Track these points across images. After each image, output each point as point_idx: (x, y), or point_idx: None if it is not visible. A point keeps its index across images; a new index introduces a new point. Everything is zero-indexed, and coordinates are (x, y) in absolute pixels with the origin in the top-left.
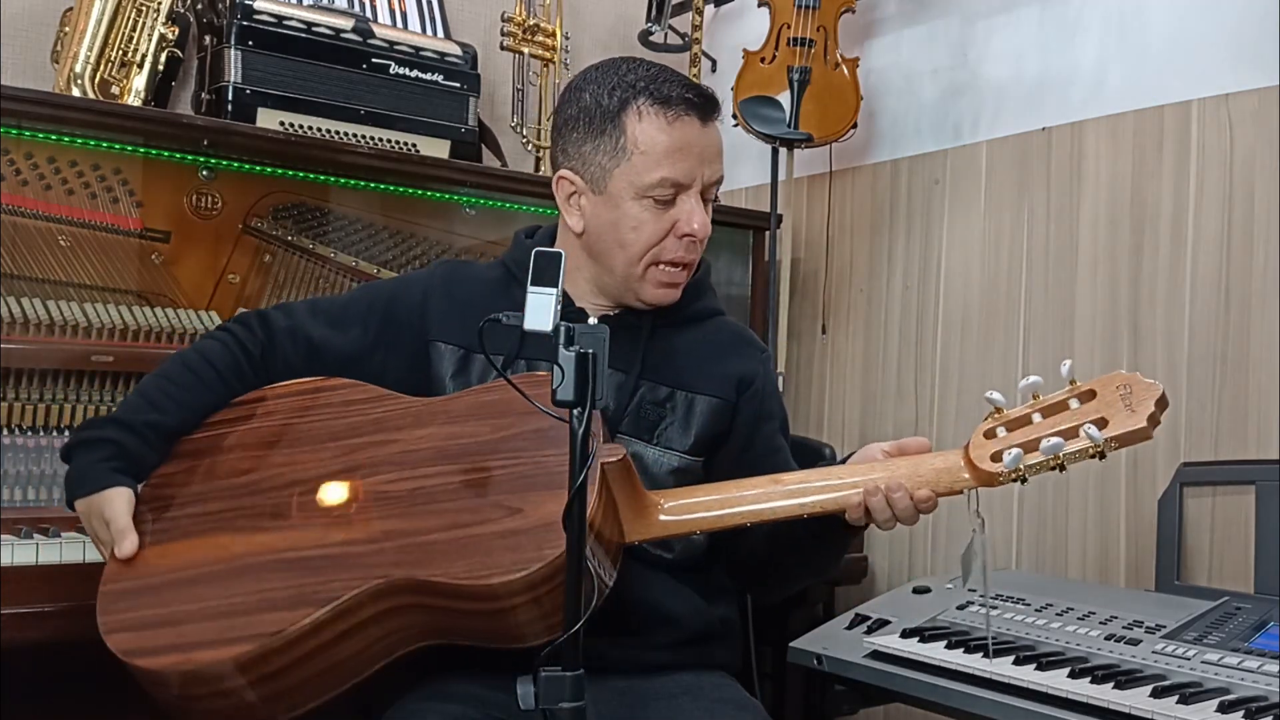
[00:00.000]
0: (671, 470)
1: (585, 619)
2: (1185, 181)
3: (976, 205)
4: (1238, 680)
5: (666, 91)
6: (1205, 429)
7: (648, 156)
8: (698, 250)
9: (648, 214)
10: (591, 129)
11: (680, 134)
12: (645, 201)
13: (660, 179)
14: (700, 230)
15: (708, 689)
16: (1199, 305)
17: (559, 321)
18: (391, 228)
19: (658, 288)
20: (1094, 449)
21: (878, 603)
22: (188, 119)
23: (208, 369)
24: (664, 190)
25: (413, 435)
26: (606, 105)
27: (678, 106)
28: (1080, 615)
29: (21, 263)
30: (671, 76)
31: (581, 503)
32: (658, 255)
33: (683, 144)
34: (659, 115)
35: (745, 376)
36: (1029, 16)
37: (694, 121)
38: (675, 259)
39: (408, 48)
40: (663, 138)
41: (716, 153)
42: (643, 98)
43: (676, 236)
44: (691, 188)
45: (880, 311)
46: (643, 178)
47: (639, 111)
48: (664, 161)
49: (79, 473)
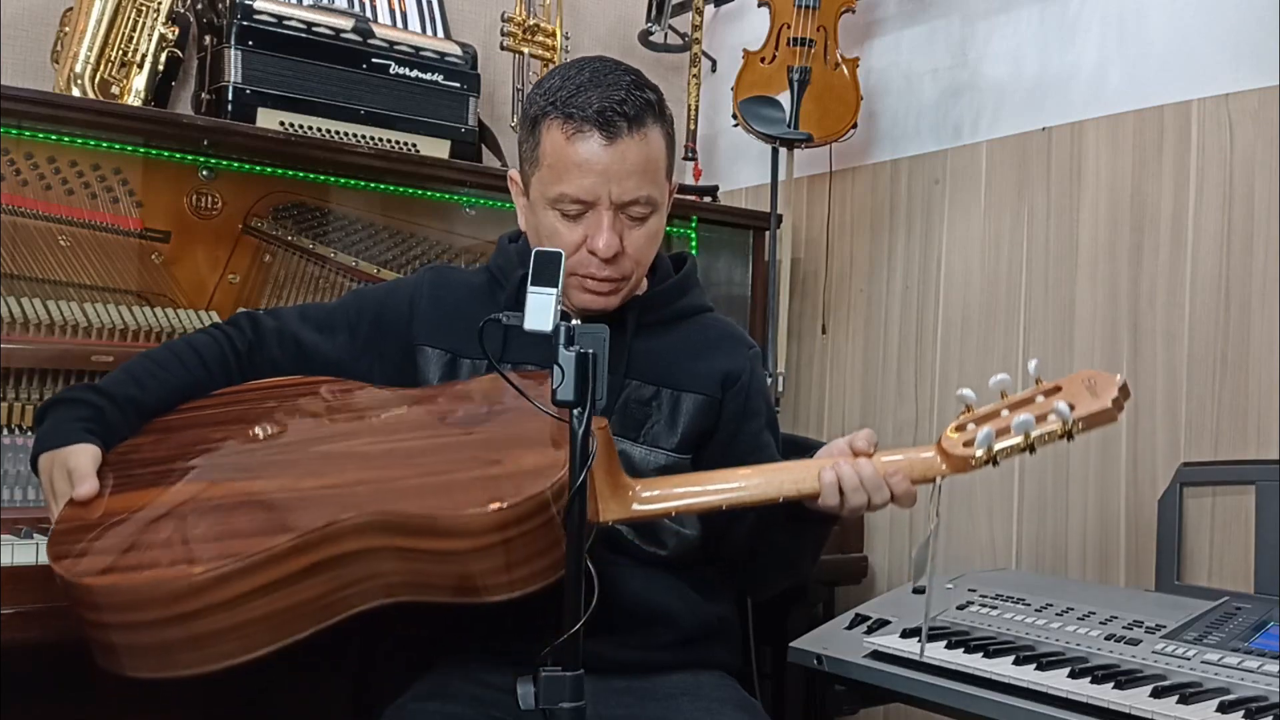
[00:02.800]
0: (659, 469)
1: (585, 619)
2: (1185, 181)
3: (976, 205)
4: (1238, 680)
5: (576, 105)
6: (1205, 429)
7: (552, 170)
8: (621, 267)
9: (560, 225)
10: (524, 133)
11: (580, 151)
12: (554, 212)
13: (560, 193)
14: (604, 250)
15: (707, 689)
16: (1199, 305)
17: (559, 321)
18: (391, 228)
19: (583, 293)
20: (1063, 428)
21: (878, 603)
22: (188, 119)
23: (194, 357)
24: (567, 205)
25: (391, 411)
26: (530, 113)
27: (579, 122)
28: (1080, 615)
29: (21, 263)
30: (596, 88)
31: (582, 502)
32: (573, 268)
33: (582, 161)
34: (561, 130)
35: (730, 372)
36: (1029, 16)
37: (594, 138)
38: (590, 274)
39: (408, 48)
40: (563, 152)
41: (629, 171)
42: (554, 110)
43: (588, 251)
44: (597, 205)
45: (880, 311)
46: (548, 189)
47: (549, 124)
48: (564, 176)
49: (51, 428)
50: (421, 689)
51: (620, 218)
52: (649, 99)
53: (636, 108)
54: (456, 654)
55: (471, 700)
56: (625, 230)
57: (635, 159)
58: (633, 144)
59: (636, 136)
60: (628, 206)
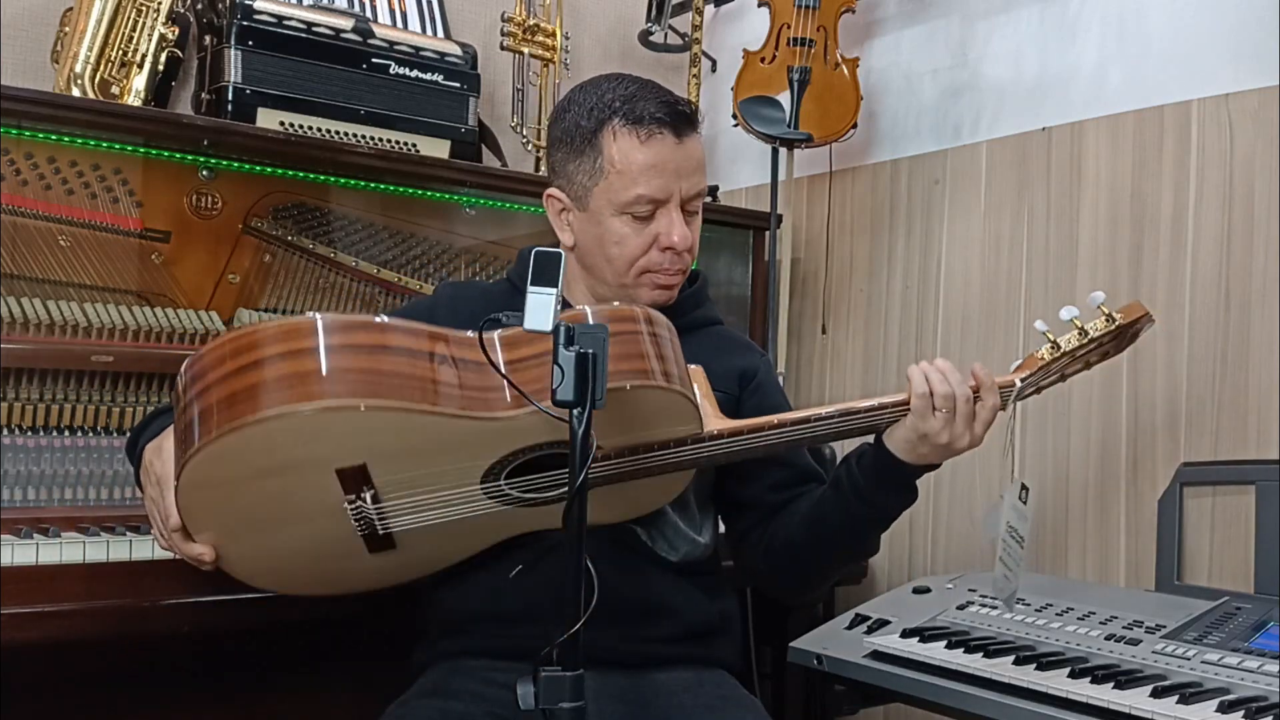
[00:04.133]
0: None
1: (584, 619)
2: (1185, 181)
3: (976, 205)
4: (1238, 680)
5: (640, 110)
6: (1205, 429)
7: (624, 175)
8: (685, 259)
9: (628, 229)
10: (573, 149)
11: (654, 152)
12: (625, 217)
13: (636, 196)
14: (680, 243)
15: (708, 686)
16: (1199, 305)
17: (559, 321)
18: (391, 228)
19: (652, 290)
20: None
21: (878, 603)
22: (188, 119)
23: None
24: (641, 207)
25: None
26: (585, 126)
27: (650, 125)
28: (1080, 615)
29: (21, 263)
30: (648, 94)
31: (582, 502)
32: (645, 267)
33: (656, 161)
34: (632, 134)
35: (747, 370)
36: (1029, 16)
37: (668, 138)
38: (663, 270)
39: (408, 48)
40: (637, 156)
41: (694, 167)
42: (617, 118)
43: (659, 249)
44: (669, 202)
45: (880, 311)
46: (620, 195)
47: (614, 131)
48: (639, 179)
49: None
50: (425, 685)
51: (683, 212)
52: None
53: (688, 107)
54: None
55: (474, 697)
56: (688, 222)
57: (697, 155)
58: (694, 140)
59: (695, 135)
60: (691, 200)
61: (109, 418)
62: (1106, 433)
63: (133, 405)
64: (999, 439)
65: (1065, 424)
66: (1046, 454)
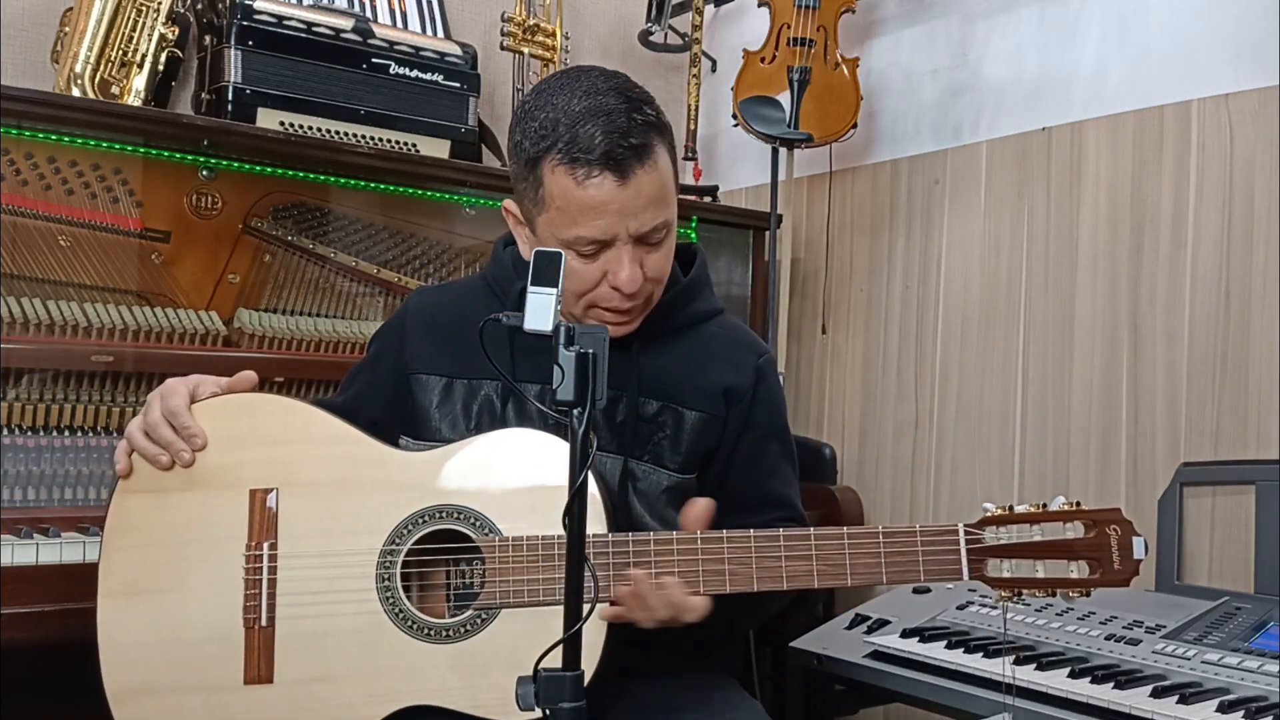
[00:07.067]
0: (665, 489)
1: (584, 619)
2: (1185, 181)
3: (976, 205)
4: (1238, 680)
5: (582, 144)
6: (1205, 429)
7: (563, 213)
8: (643, 292)
9: (576, 263)
10: (520, 170)
11: (594, 194)
12: (570, 252)
13: (575, 237)
14: (627, 285)
15: (708, 689)
16: (1199, 305)
17: (559, 321)
18: (391, 228)
19: (606, 322)
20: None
21: (878, 603)
22: (188, 119)
23: None
24: (584, 246)
25: None
26: (528, 151)
27: (590, 166)
28: (1080, 615)
29: (21, 263)
30: (597, 122)
31: (581, 502)
32: (592, 301)
33: (596, 204)
34: (568, 174)
35: (732, 388)
36: (1029, 16)
37: (606, 180)
38: (613, 307)
39: (408, 48)
40: (576, 195)
41: (643, 204)
42: (556, 153)
43: (609, 286)
44: (615, 242)
45: (880, 311)
46: (561, 233)
47: (553, 167)
48: (579, 220)
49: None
50: None
51: (639, 247)
52: (650, 118)
53: (642, 136)
54: None
55: None
56: (644, 257)
57: (649, 190)
58: (644, 176)
59: (647, 167)
60: (646, 236)
61: (109, 418)
62: (1106, 433)
63: (133, 405)
64: (1000, 439)
65: (1065, 424)
66: (1047, 454)
